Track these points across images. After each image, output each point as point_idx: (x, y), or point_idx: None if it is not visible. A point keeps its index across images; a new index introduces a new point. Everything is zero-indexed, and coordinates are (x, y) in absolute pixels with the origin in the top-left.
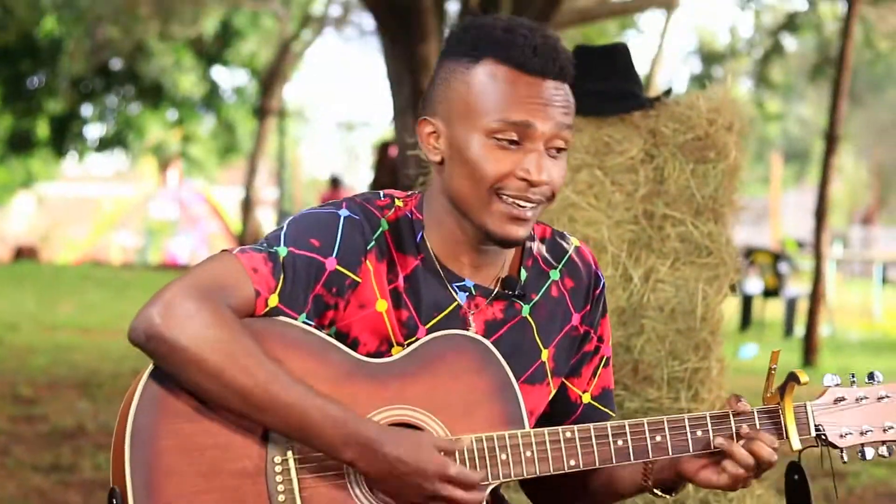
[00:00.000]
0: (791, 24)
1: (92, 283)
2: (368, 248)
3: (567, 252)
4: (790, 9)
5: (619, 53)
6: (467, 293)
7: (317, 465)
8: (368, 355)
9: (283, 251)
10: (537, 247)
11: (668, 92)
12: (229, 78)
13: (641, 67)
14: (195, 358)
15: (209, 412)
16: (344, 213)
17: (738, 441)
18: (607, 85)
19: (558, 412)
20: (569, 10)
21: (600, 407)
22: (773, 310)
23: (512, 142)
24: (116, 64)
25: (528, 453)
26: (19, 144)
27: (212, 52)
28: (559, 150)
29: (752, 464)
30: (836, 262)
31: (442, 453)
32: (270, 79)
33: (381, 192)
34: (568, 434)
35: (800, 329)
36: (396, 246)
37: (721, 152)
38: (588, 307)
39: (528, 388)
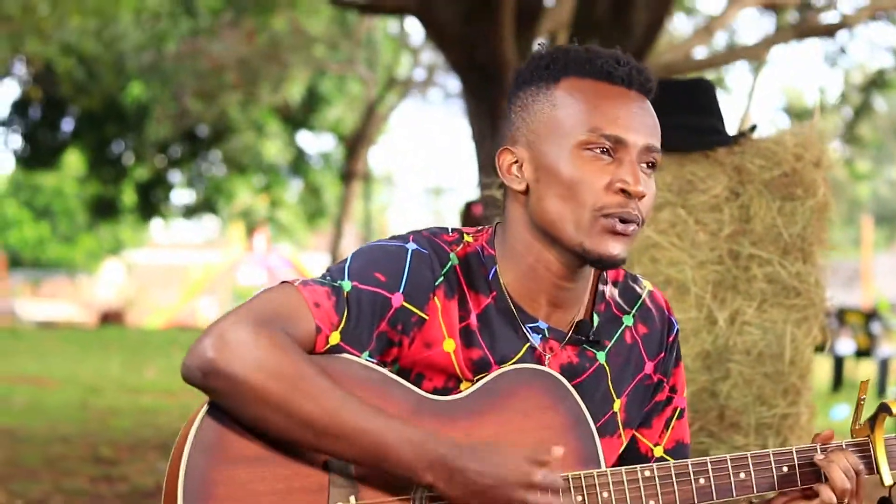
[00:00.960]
0: (880, 80)
1: (178, 348)
2: (437, 283)
3: (640, 296)
4: (879, 66)
5: (703, 88)
6: (541, 335)
7: None
8: (435, 391)
9: (347, 286)
10: (610, 290)
11: (753, 128)
12: (315, 143)
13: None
14: (257, 389)
15: (267, 456)
16: (412, 246)
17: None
18: (690, 120)
19: (627, 465)
20: (654, 64)
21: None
22: (865, 370)
23: (605, 151)
24: (202, 130)
25: (605, 494)
26: (106, 211)
27: (298, 117)
28: (650, 165)
29: (847, 488)
30: None
31: (528, 461)
32: (356, 143)
33: (450, 228)
34: (647, 473)
35: (893, 390)
36: (467, 283)
37: (809, 189)
38: (662, 354)
39: (600, 440)
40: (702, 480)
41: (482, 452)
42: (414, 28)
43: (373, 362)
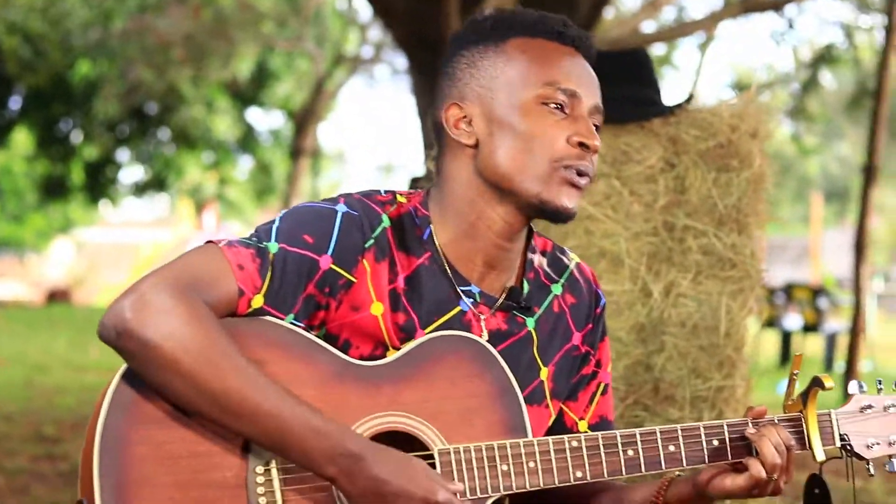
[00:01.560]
0: (828, 56)
1: None
2: (367, 246)
3: (568, 267)
4: (827, 41)
5: (638, 59)
6: (472, 300)
7: (302, 477)
8: (362, 358)
9: (273, 247)
10: (538, 259)
11: (689, 99)
12: (265, 119)
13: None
14: (167, 357)
15: (186, 418)
16: (342, 208)
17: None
18: (625, 91)
19: None
20: (601, 40)
21: None
22: (813, 345)
23: (559, 108)
24: (151, 108)
25: (532, 464)
26: (55, 190)
27: (247, 93)
28: (595, 127)
29: (777, 463)
30: (877, 297)
31: (436, 483)
32: (304, 119)
33: (382, 189)
34: (574, 443)
35: (840, 365)
36: (398, 244)
37: (745, 160)
38: (590, 326)
39: (528, 409)
40: (630, 452)
41: (392, 460)
42: (362, 4)
43: (299, 326)
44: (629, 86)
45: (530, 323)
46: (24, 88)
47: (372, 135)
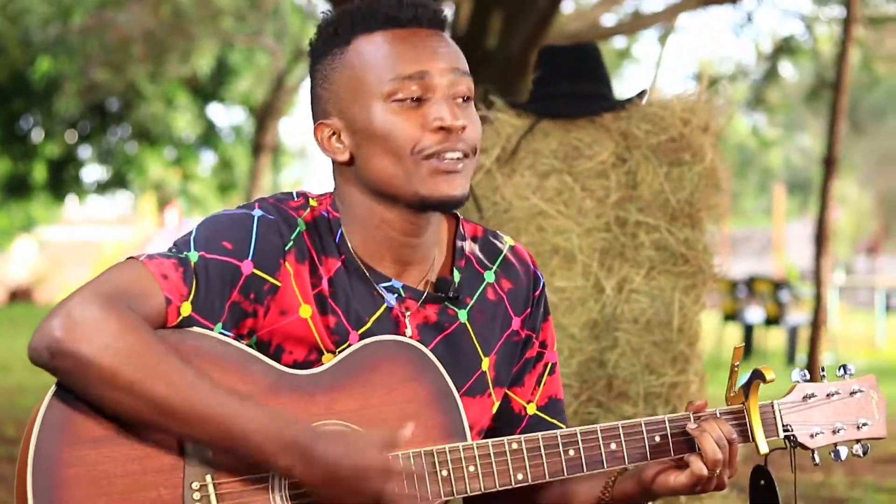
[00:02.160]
0: (787, 47)
1: None
2: (286, 248)
3: (501, 252)
4: (786, 33)
5: (587, 53)
6: (396, 294)
7: (238, 490)
8: (296, 364)
9: (193, 256)
10: (469, 246)
11: (641, 94)
12: (226, 115)
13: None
14: (104, 371)
15: (118, 436)
16: (258, 213)
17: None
18: (576, 86)
19: (503, 426)
20: (559, 33)
21: (547, 418)
22: (775, 338)
23: (414, 100)
24: (112, 104)
25: (472, 468)
26: (17, 189)
27: (207, 89)
28: (466, 99)
29: (719, 459)
30: (839, 290)
31: (385, 447)
32: (265, 115)
33: (294, 193)
34: (514, 445)
35: (802, 357)
36: (316, 247)
37: (696, 154)
38: (529, 310)
39: (469, 401)
40: (571, 452)
41: (343, 441)
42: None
43: (228, 335)
44: (579, 81)
45: (462, 315)
46: None
47: None
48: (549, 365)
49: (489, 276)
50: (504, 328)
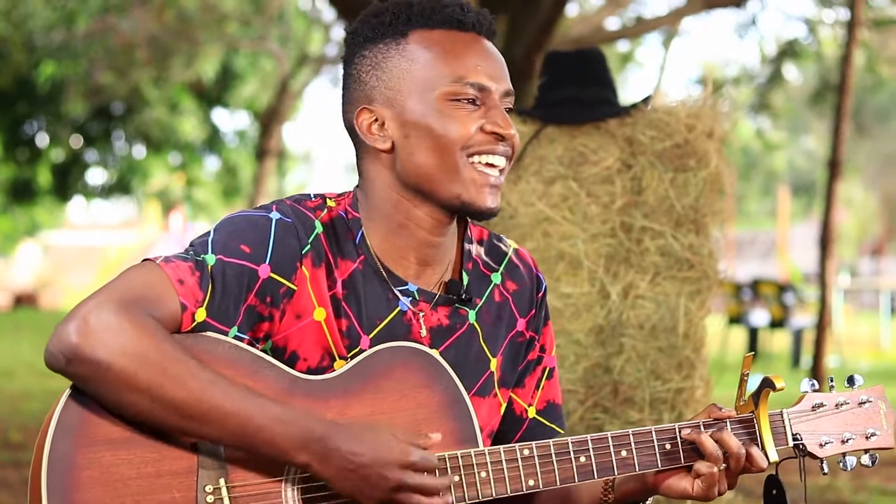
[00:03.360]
0: (791, 50)
1: None
2: (304, 252)
3: (506, 254)
4: (790, 36)
5: (592, 59)
6: (410, 298)
7: (252, 493)
8: (309, 371)
9: (211, 259)
10: (476, 249)
11: (646, 99)
12: (230, 120)
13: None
14: (121, 375)
15: (134, 438)
16: (275, 215)
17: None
18: (581, 92)
19: (505, 428)
20: (563, 38)
21: (546, 422)
22: (780, 341)
23: (470, 101)
24: (117, 109)
25: (483, 474)
26: (22, 193)
27: (212, 94)
28: (508, 110)
29: (720, 457)
30: (844, 292)
31: (405, 441)
32: (269, 120)
33: (312, 193)
34: (526, 452)
35: (807, 360)
36: (333, 249)
37: (701, 160)
38: (533, 311)
39: (479, 402)
40: (582, 459)
41: (358, 432)
42: (325, 4)
43: (243, 338)
44: (583, 87)
45: (472, 316)
46: None
47: (337, 135)
48: (548, 370)
49: (496, 278)
50: (509, 329)
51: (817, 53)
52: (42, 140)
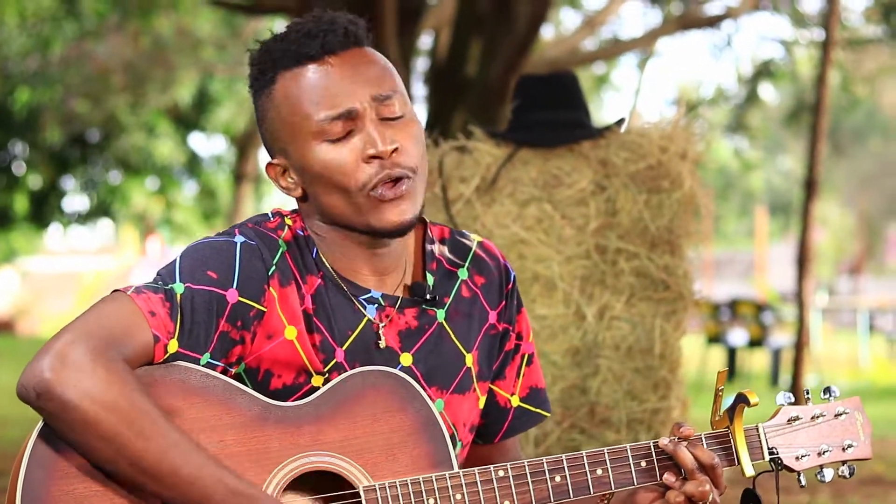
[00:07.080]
0: (766, 71)
1: None
2: (270, 273)
3: (471, 248)
4: (766, 56)
5: (564, 82)
6: (376, 305)
7: None
8: (285, 388)
9: (179, 288)
10: (438, 249)
11: (619, 121)
12: (207, 145)
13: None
14: (86, 418)
15: (105, 472)
16: (239, 239)
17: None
18: (554, 114)
19: (491, 421)
20: (539, 60)
21: (531, 408)
22: (759, 360)
23: (344, 135)
24: (94, 135)
25: (459, 496)
26: None
27: (189, 119)
28: (395, 118)
29: (696, 469)
30: (822, 311)
31: None
32: (246, 143)
33: (270, 213)
34: (501, 472)
35: (786, 379)
36: (298, 266)
37: (675, 181)
38: (503, 303)
39: (459, 399)
40: (558, 478)
41: None
42: None
43: (216, 365)
44: (555, 109)
45: (440, 315)
46: None
47: None
48: (527, 356)
49: (462, 274)
50: (482, 322)
51: (793, 73)
52: (19, 168)
